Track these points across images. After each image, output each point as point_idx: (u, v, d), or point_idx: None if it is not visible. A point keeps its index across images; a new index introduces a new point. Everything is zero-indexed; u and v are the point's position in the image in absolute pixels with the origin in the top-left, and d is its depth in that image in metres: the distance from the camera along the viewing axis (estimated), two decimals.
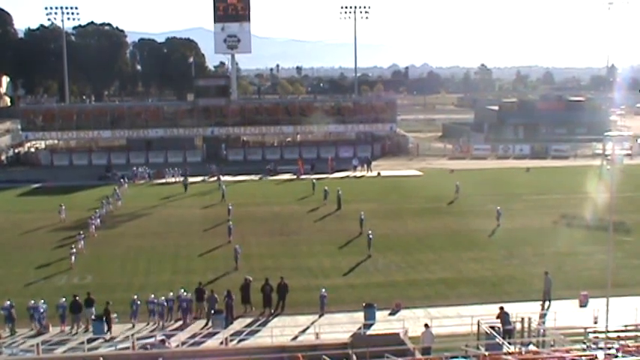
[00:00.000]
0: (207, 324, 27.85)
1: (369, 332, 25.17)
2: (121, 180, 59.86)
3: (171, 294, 28.69)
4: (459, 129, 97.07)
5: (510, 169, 70.43)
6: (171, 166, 66.03)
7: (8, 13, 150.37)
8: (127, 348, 24.08)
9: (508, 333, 23.22)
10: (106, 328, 26.70)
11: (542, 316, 28.19)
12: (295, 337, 26.13)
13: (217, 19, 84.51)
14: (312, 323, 27.68)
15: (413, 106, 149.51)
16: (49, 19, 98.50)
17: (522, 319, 24.59)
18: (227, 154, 76.93)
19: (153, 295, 28.43)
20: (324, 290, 29.27)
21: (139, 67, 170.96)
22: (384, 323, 26.96)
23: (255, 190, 58.85)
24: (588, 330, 22.83)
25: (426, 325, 23.99)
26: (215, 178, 61.68)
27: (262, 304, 29.23)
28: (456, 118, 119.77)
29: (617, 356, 18.00)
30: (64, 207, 46.78)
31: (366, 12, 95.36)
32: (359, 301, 29.29)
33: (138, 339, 24.53)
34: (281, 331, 26.56)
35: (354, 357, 19.15)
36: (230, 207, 47.06)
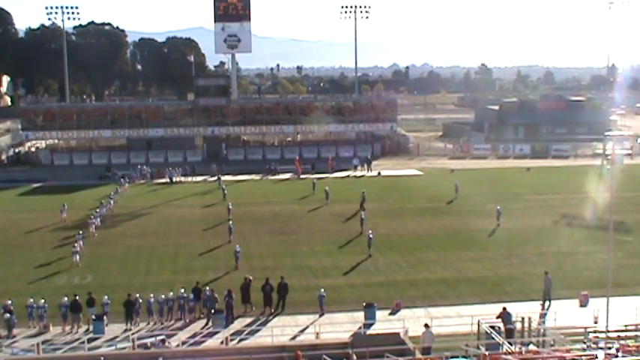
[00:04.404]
0: (207, 323, 27.86)
1: (369, 332, 25.15)
2: (122, 180, 59.92)
3: (172, 293, 28.73)
4: (459, 129, 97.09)
5: (511, 168, 70.43)
6: (173, 166, 66.05)
7: (9, 13, 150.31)
8: (127, 347, 24.09)
9: (509, 332, 23.20)
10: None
11: (543, 315, 28.13)
12: (295, 337, 26.11)
13: (217, 18, 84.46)
14: (313, 323, 27.68)
15: (413, 106, 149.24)
16: (49, 19, 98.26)
17: (522, 318, 24.58)
18: (227, 154, 77.02)
19: (152, 295, 28.48)
20: (322, 290, 29.27)
21: (139, 67, 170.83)
22: (384, 323, 26.96)
23: (256, 190, 58.88)
24: (588, 330, 22.79)
25: (426, 325, 23.97)
26: (215, 177, 61.74)
27: (263, 303, 29.24)
28: (456, 118, 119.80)
29: (617, 356, 17.99)
30: (66, 206, 46.83)
31: (366, 11, 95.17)
32: (359, 300, 29.31)
33: (138, 338, 24.51)
34: (281, 330, 26.57)
35: (354, 356, 19.16)
36: (230, 206, 47.09)
